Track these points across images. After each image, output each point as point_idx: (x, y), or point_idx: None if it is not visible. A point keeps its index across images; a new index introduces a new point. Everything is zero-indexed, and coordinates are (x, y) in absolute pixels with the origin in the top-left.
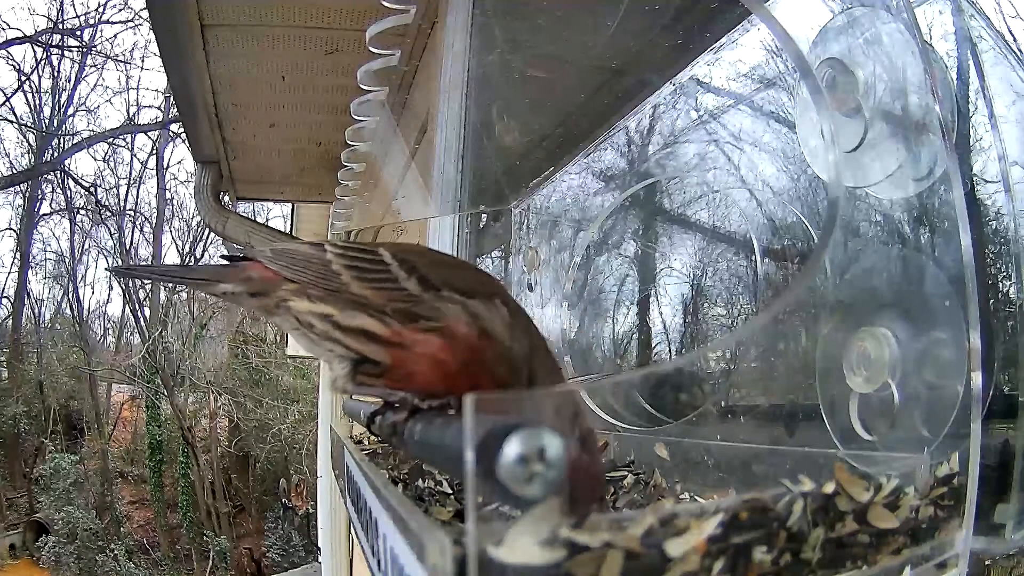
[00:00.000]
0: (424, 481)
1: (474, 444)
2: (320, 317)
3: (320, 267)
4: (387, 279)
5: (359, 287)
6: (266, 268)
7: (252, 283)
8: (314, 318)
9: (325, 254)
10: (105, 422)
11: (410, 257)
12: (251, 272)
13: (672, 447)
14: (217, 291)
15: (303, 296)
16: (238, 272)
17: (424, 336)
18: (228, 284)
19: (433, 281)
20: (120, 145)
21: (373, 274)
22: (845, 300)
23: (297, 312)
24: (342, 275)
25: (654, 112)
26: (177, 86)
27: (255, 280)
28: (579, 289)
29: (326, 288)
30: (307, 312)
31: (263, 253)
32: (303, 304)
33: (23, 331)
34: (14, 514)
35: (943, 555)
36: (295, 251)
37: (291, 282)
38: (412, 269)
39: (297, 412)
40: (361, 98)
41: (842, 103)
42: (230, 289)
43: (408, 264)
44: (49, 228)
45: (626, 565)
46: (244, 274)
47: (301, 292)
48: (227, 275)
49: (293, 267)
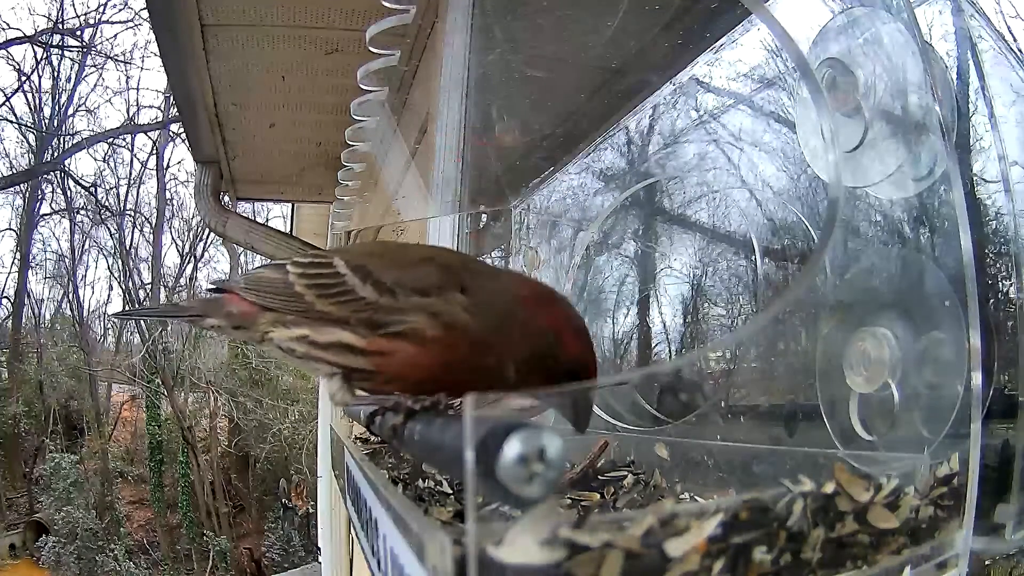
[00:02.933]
0: (424, 481)
1: (474, 444)
2: (298, 340)
3: (285, 290)
4: (344, 291)
5: (323, 304)
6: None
7: (233, 317)
8: (293, 343)
9: (287, 275)
10: (105, 422)
11: (363, 262)
12: (231, 306)
13: (672, 447)
14: (206, 325)
15: (281, 324)
16: (220, 306)
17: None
18: (213, 319)
19: (387, 284)
20: (120, 145)
21: (332, 288)
22: (845, 300)
23: (279, 342)
24: (305, 295)
25: (654, 112)
26: (177, 86)
27: (235, 315)
28: (579, 289)
29: (296, 310)
30: (286, 339)
31: (238, 284)
32: (282, 332)
33: (23, 331)
34: (14, 514)
35: (943, 555)
36: (262, 277)
37: (267, 310)
38: (366, 275)
39: (297, 412)
40: (361, 98)
41: (842, 103)
42: (215, 323)
43: (362, 270)
44: (49, 228)
45: (626, 565)
46: (225, 308)
47: (279, 321)
48: (212, 309)
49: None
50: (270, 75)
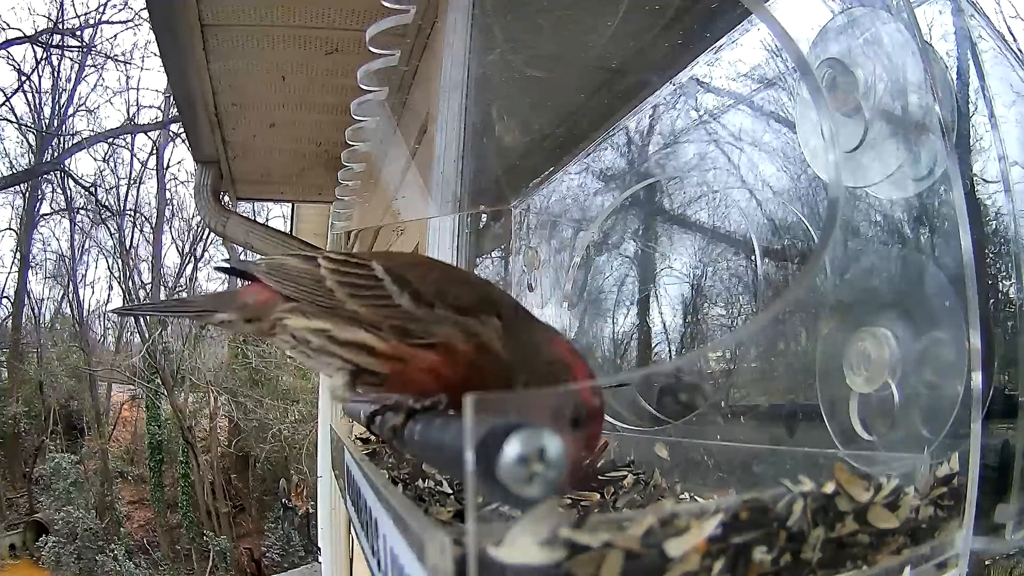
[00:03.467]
0: (424, 481)
1: (474, 444)
2: (316, 332)
3: (314, 284)
4: (381, 296)
5: (354, 304)
6: (264, 285)
7: (247, 309)
8: (310, 334)
9: (319, 269)
10: (105, 422)
11: (403, 271)
12: (246, 297)
13: (672, 447)
14: (214, 320)
15: (299, 313)
16: (233, 299)
17: (423, 352)
18: (224, 313)
19: (426, 297)
20: (120, 145)
21: (367, 291)
22: (845, 300)
23: (293, 329)
24: (336, 292)
25: (654, 112)
26: (177, 86)
27: (250, 306)
28: (579, 289)
29: (321, 305)
30: (303, 328)
31: (259, 268)
32: (299, 321)
33: (23, 331)
34: (14, 514)
35: (943, 555)
36: (290, 267)
37: (287, 299)
38: (405, 284)
39: (297, 412)
40: (361, 98)
41: (842, 103)
42: (226, 318)
43: (401, 279)
44: (49, 228)
45: (626, 565)
46: (239, 301)
47: (296, 310)
48: (223, 304)
49: (288, 283)
50: (270, 75)
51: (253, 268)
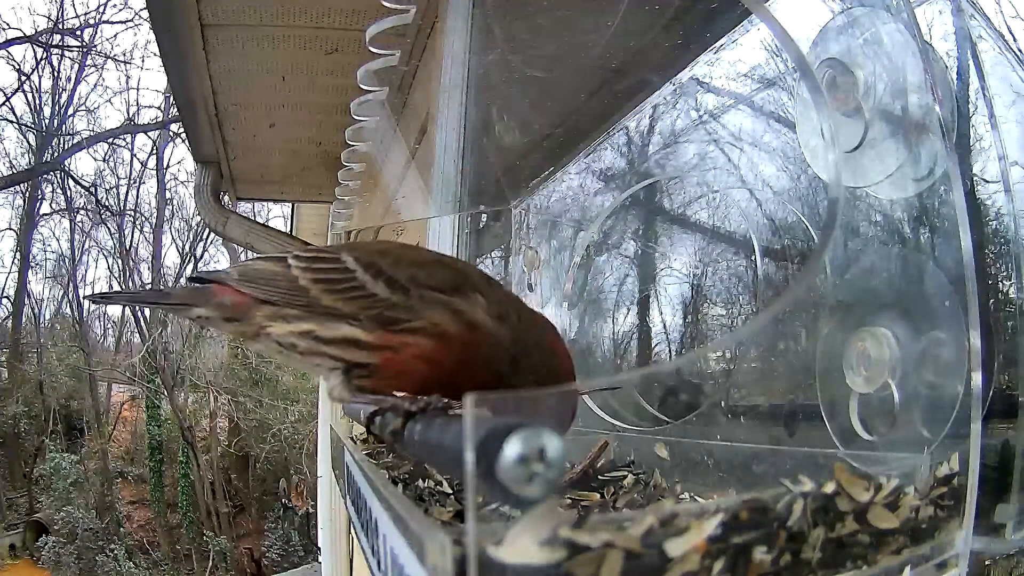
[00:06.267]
0: (424, 481)
1: (474, 444)
2: (301, 335)
3: (287, 284)
4: (355, 287)
5: (330, 299)
6: (236, 291)
7: (224, 308)
8: (295, 338)
9: (290, 269)
10: (105, 422)
11: (374, 259)
12: (222, 297)
13: (672, 447)
14: (192, 315)
15: (280, 319)
16: (211, 296)
17: (413, 339)
18: (201, 308)
19: (400, 281)
20: (120, 145)
21: (341, 284)
22: (845, 300)
23: (278, 336)
24: (310, 290)
25: (654, 112)
26: (177, 86)
27: (227, 306)
28: (579, 289)
29: (298, 305)
30: (287, 333)
31: (230, 276)
32: (282, 327)
33: (23, 331)
34: (14, 514)
35: (943, 555)
36: (261, 270)
37: (263, 303)
38: (378, 272)
39: (297, 412)
40: (361, 98)
41: (842, 103)
42: (204, 313)
43: (373, 267)
44: (49, 228)
45: (626, 565)
46: (216, 299)
47: (276, 315)
48: (200, 299)
49: (262, 287)
50: (270, 75)
51: (224, 277)
